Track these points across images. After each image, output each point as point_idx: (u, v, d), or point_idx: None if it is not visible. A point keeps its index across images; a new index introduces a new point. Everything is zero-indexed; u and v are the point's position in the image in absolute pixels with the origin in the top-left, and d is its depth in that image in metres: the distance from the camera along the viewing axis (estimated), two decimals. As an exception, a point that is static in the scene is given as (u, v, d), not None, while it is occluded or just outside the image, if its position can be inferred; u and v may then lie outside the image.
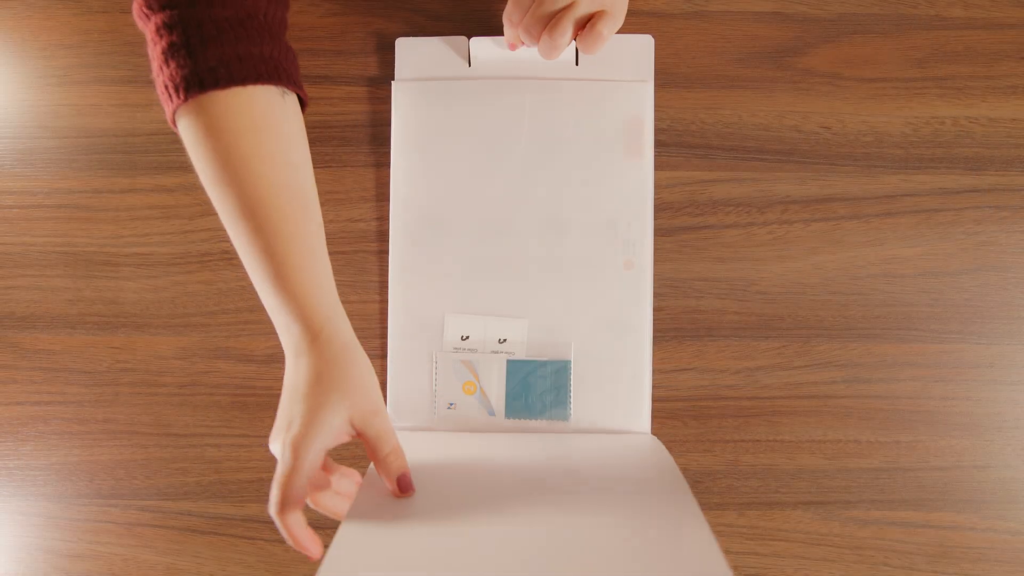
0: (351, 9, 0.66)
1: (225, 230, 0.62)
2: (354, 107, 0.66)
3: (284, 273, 0.49)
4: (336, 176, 0.64)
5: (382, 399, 0.51)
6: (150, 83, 0.66)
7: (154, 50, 0.49)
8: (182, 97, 0.48)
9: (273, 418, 0.63)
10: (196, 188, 0.66)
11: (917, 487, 0.64)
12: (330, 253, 0.59)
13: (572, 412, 0.64)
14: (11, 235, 0.66)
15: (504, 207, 0.65)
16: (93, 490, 0.65)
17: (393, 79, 0.66)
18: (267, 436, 0.62)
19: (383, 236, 0.66)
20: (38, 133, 0.67)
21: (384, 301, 0.65)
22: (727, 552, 0.64)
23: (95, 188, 0.66)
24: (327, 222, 0.65)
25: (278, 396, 0.64)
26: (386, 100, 0.66)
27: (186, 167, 0.66)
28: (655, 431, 0.64)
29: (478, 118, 0.65)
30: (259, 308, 0.65)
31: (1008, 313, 0.65)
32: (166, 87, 0.49)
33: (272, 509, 0.47)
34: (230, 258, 0.66)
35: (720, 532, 0.64)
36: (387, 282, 0.65)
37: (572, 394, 0.64)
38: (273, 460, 0.63)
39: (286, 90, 0.51)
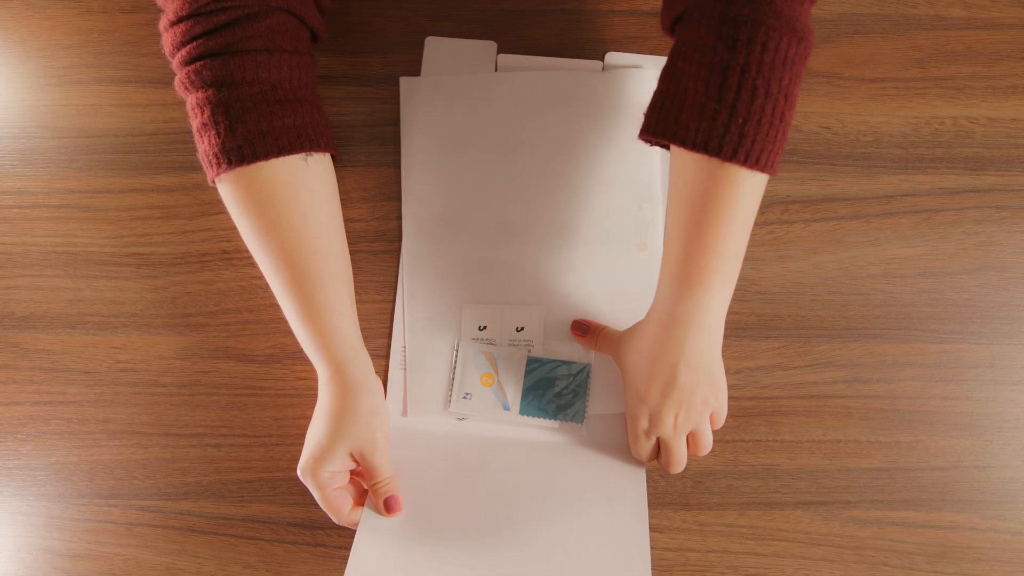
0: (351, 9, 0.66)
1: (225, 230, 0.66)
2: (354, 107, 0.66)
3: (307, 320, 0.57)
4: (336, 176, 0.63)
5: (383, 435, 0.58)
6: (150, 83, 0.67)
7: (193, 122, 0.56)
8: (215, 171, 0.55)
9: (273, 419, 0.66)
10: (196, 188, 0.66)
11: (917, 487, 0.64)
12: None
13: (587, 417, 0.63)
14: (11, 235, 0.66)
15: (516, 197, 0.65)
16: (93, 490, 0.65)
17: (395, 79, 0.66)
18: (267, 436, 0.65)
19: (383, 236, 0.66)
20: (38, 133, 0.67)
21: (385, 301, 0.65)
22: (726, 552, 0.64)
23: (95, 188, 0.66)
24: (327, 222, 0.65)
25: (278, 396, 0.65)
26: (386, 100, 0.66)
27: (186, 167, 0.66)
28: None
29: (490, 113, 0.65)
30: (259, 308, 0.65)
31: (1008, 313, 0.65)
32: (203, 158, 0.56)
33: (338, 521, 0.58)
34: (230, 258, 0.66)
35: (720, 532, 0.64)
36: (387, 282, 0.65)
37: (590, 397, 0.63)
38: (272, 461, 0.65)
39: (310, 153, 0.56)
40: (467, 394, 0.63)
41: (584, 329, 0.63)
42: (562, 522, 0.57)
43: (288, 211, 0.56)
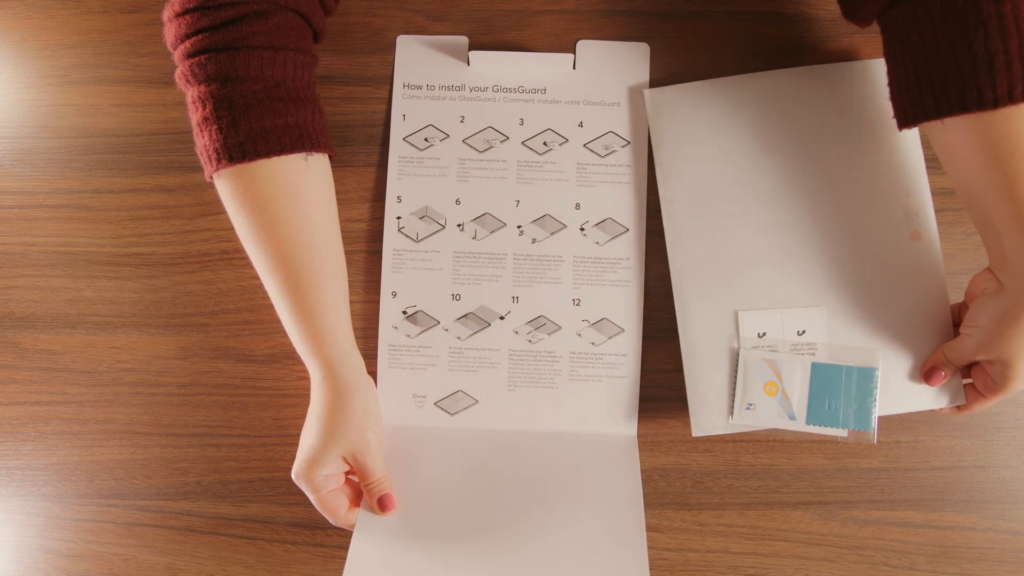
0: (351, 9, 0.66)
1: (225, 230, 0.66)
2: (354, 107, 0.66)
3: (302, 320, 0.57)
4: (336, 176, 0.63)
5: (376, 438, 0.59)
6: (150, 83, 0.66)
7: (192, 116, 0.56)
8: (214, 167, 0.55)
9: (273, 419, 0.66)
10: (196, 188, 0.66)
11: (917, 487, 0.64)
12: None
13: (875, 426, 0.60)
14: (11, 235, 0.66)
15: (781, 197, 0.62)
16: (93, 490, 0.65)
17: (392, 78, 0.66)
18: (267, 436, 0.65)
19: (379, 236, 0.65)
20: (38, 133, 0.67)
21: (377, 301, 0.65)
22: (726, 552, 0.64)
23: (95, 188, 0.66)
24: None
25: (278, 396, 0.65)
26: (386, 100, 0.66)
27: (186, 167, 0.66)
28: (654, 431, 0.64)
29: (736, 115, 0.64)
30: (259, 308, 0.65)
31: (1008, 313, 0.65)
32: (202, 153, 0.56)
33: (335, 523, 0.59)
34: (230, 258, 0.66)
35: (720, 532, 0.64)
36: (382, 282, 0.65)
37: (877, 404, 0.60)
38: (271, 461, 0.65)
39: (310, 153, 0.56)
40: (750, 404, 0.60)
41: (938, 374, 0.59)
42: (559, 522, 0.57)
43: (287, 210, 0.56)
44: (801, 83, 0.64)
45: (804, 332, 0.61)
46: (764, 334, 0.61)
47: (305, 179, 0.57)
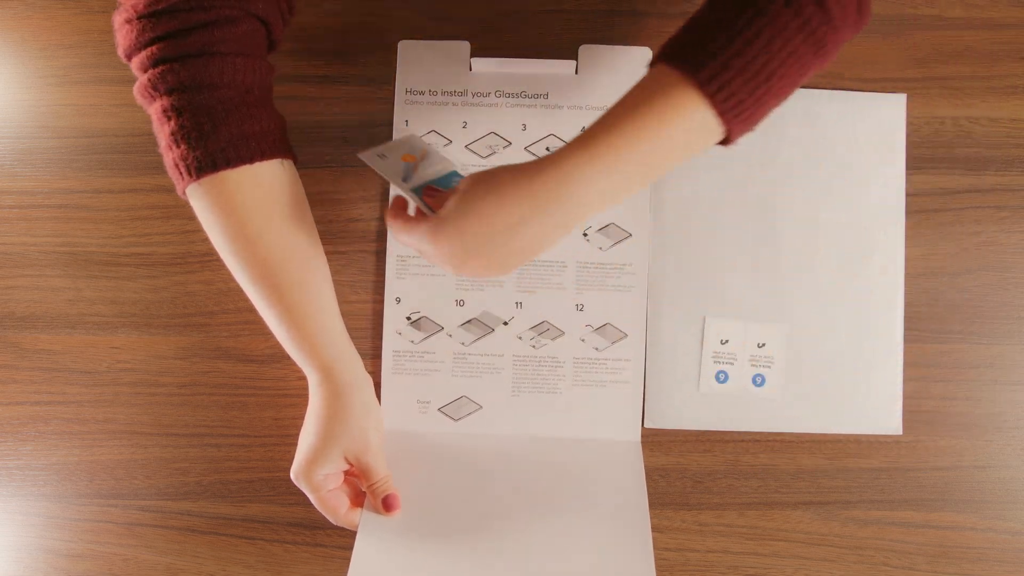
0: (351, 9, 0.66)
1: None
2: (354, 107, 0.66)
3: (295, 324, 0.57)
4: (336, 176, 0.64)
5: (376, 436, 0.58)
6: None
7: (161, 129, 0.53)
8: (194, 176, 0.53)
9: (273, 419, 0.66)
10: (196, 188, 0.66)
11: (917, 487, 0.64)
12: (330, 253, 0.61)
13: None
14: (11, 235, 0.66)
15: (765, 213, 0.64)
16: (93, 490, 0.65)
17: (394, 79, 0.66)
18: (267, 436, 0.65)
19: (382, 236, 0.65)
20: (38, 133, 0.67)
21: (381, 301, 0.65)
22: (726, 552, 0.64)
23: (95, 188, 0.66)
24: (328, 222, 0.65)
25: (278, 396, 0.65)
26: (386, 100, 0.66)
27: (186, 167, 0.66)
28: (654, 432, 0.64)
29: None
30: (259, 308, 0.65)
31: (1008, 313, 0.65)
32: (176, 165, 0.53)
33: (335, 522, 0.58)
34: (230, 258, 0.66)
35: (720, 532, 0.64)
36: (383, 282, 0.65)
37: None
38: (272, 461, 0.65)
39: (284, 159, 0.56)
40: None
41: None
42: (563, 527, 0.57)
43: (273, 216, 0.55)
44: (812, 106, 0.64)
45: (764, 345, 0.64)
46: (727, 341, 0.64)
47: (285, 184, 0.56)
